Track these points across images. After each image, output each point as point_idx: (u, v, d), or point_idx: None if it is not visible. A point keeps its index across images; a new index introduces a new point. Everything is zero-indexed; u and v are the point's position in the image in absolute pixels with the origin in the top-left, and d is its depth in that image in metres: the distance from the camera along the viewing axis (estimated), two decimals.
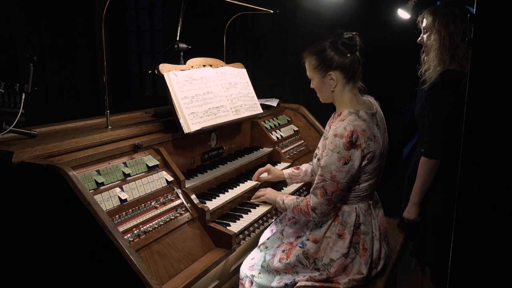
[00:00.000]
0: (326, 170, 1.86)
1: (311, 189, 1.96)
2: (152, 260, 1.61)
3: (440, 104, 2.20)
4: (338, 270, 1.91)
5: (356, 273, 1.92)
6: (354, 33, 1.94)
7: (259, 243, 2.23)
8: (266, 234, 2.29)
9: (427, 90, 2.26)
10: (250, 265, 2.11)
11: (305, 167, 2.39)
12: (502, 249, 1.16)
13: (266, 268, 2.03)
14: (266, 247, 2.15)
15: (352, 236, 1.92)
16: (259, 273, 2.05)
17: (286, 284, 1.98)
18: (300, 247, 1.97)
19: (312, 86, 2.04)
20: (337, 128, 1.85)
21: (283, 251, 2.04)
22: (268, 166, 2.42)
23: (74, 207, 1.48)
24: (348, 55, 1.90)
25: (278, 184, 2.59)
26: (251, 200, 2.27)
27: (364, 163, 1.87)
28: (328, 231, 1.95)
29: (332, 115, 2.05)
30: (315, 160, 2.06)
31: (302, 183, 2.56)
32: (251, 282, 2.09)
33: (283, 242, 2.11)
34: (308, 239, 1.97)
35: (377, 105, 2.04)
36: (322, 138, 2.04)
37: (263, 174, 2.40)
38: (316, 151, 2.07)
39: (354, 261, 1.93)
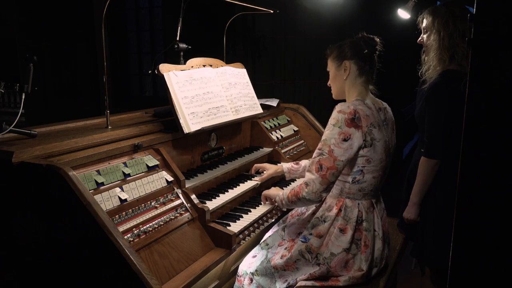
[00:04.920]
0: (325, 144, 1.89)
1: (307, 167, 1.97)
2: (152, 260, 1.61)
3: (440, 104, 2.20)
4: (338, 265, 1.92)
5: (356, 269, 1.92)
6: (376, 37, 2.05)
7: (261, 241, 2.22)
8: (269, 234, 2.29)
9: (427, 90, 2.26)
10: (251, 263, 2.11)
11: (304, 162, 2.44)
12: (502, 249, 1.16)
13: (266, 265, 2.03)
14: (267, 244, 2.15)
15: (354, 232, 1.93)
16: (257, 270, 2.05)
17: (288, 283, 1.98)
18: (302, 241, 1.97)
19: (329, 83, 2.12)
20: (342, 105, 1.91)
21: (285, 248, 2.04)
22: (265, 164, 2.50)
23: (74, 207, 1.48)
24: (365, 50, 1.98)
25: (279, 185, 2.59)
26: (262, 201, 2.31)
27: (366, 149, 1.89)
28: (332, 226, 1.96)
29: None
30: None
31: None
32: (251, 280, 2.08)
33: (284, 239, 2.11)
34: (311, 234, 1.97)
35: (387, 105, 2.11)
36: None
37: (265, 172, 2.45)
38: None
39: (355, 257, 1.94)
